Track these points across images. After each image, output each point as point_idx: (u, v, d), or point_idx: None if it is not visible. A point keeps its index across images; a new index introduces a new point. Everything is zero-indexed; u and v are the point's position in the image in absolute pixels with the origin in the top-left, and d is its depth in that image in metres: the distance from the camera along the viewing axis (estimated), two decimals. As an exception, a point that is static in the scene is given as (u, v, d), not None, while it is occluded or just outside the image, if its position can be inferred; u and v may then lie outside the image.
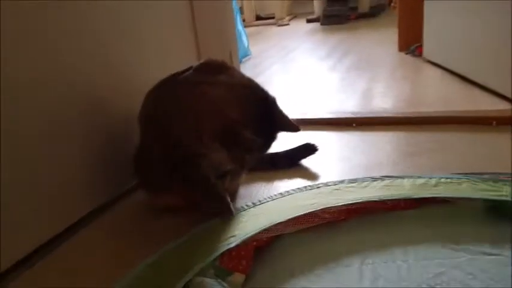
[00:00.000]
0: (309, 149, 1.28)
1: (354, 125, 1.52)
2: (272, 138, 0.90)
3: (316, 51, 2.89)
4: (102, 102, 1.14)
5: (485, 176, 1.00)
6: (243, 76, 0.98)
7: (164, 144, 0.95)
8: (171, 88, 0.99)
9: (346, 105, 1.73)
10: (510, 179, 0.98)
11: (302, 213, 0.92)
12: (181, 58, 1.46)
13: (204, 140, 0.88)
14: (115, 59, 1.18)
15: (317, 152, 1.26)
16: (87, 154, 1.08)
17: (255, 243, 0.85)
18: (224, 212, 0.91)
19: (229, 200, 0.91)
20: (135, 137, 1.06)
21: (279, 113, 0.91)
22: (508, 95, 1.52)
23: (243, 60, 2.74)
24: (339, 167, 1.23)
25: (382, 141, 1.39)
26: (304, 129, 1.51)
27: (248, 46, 2.86)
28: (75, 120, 1.05)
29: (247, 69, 2.58)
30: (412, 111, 1.57)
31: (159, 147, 0.97)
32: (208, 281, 0.74)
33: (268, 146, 0.91)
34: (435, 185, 0.99)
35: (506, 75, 1.52)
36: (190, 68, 1.05)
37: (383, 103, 1.74)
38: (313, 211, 0.92)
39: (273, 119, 0.89)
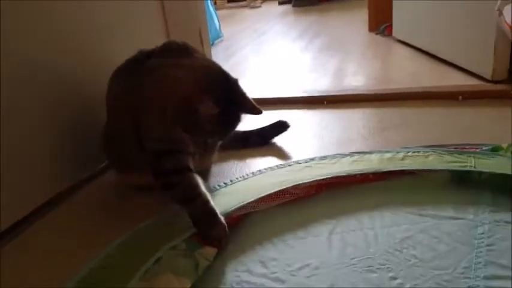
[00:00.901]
0: (280, 127, 1.28)
1: (325, 102, 1.54)
2: (235, 119, 0.89)
3: (288, 33, 2.88)
4: (70, 81, 1.11)
5: (451, 149, 1.03)
6: (204, 58, 0.98)
7: (132, 127, 0.94)
8: (136, 69, 0.97)
9: (318, 84, 1.74)
10: (475, 150, 1.01)
11: (273, 191, 0.92)
12: (149, 37, 1.43)
13: (167, 125, 0.88)
14: (82, 37, 1.15)
15: (289, 130, 1.27)
16: (55, 135, 1.06)
17: (226, 220, 0.85)
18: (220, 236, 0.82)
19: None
20: (104, 116, 1.04)
21: (241, 95, 0.90)
22: (474, 70, 1.56)
23: (215, 42, 2.71)
24: (311, 145, 1.24)
25: (352, 118, 1.40)
26: (277, 108, 1.53)
27: (220, 28, 2.83)
28: (42, 100, 1.02)
29: (220, 51, 2.55)
30: (381, 88, 1.59)
31: (127, 129, 0.95)
32: (178, 253, 0.74)
33: (232, 127, 0.90)
34: (402, 159, 1.01)
35: (472, 52, 1.56)
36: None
37: (354, 81, 1.75)
38: (284, 188, 0.93)
39: (235, 100, 0.88)
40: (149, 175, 0.94)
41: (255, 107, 0.93)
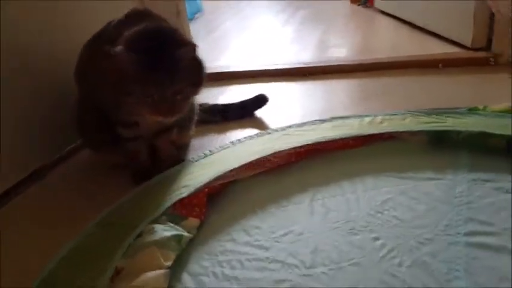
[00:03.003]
0: (260, 100, 1.27)
1: (307, 74, 1.52)
2: (196, 82, 0.86)
3: (271, 6, 2.84)
4: (41, 58, 1.07)
5: (428, 110, 1.03)
6: (165, 21, 0.95)
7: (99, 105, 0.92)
8: (100, 43, 0.95)
9: (300, 57, 1.72)
10: (455, 111, 1.02)
11: (253, 159, 0.92)
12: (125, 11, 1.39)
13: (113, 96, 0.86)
14: (55, 11, 1.11)
15: (270, 102, 1.26)
16: (28, 114, 1.03)
17: (206, 189, 0.84)
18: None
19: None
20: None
21: (196, 60, 0.88)
22: (455, 38, 1.56)
23: (195, 16, 2.66)
24: (292, 115, 1.23)
25: (334, 88, 1.40)
26: (258, 81, 1.52)
27: (200, 2, 2.77)
28: (13, 79, 0.98)
29: (201, 26, 2.51)
30: (363, 59, 1.58)
31: (93, 103, 0.94)
32: (160, 227, 0.73)
33: (194, 90, 0.87)
34: (381, 122, 1.01)
35: (452, 21, 1.56)
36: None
37: (336, 53, 1.74)
38: (264, 156, 0.92)
39: (194, 64, 0.86)
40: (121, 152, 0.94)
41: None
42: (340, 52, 1.75)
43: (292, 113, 1.25)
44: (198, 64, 0.87)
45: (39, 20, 1.07)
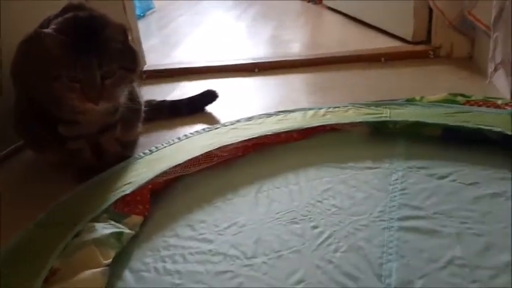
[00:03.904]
0: (209, 96, 1.27)
1: (257, 70, 1.54)
2: (128, 68, 0.85)
3: (223, 3, 2.84)
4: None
5: (369, 102, 1.07)
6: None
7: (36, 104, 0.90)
8: (34, 41, 0.92)
9: (252, 52, 1.73)
10: (393, 102, 1.06)
11: (200, 154, 0.92)
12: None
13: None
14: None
15: (220, 98, 1.26)
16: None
17: (150, 186, 0.83)
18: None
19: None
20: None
21: (128, 45, 0.87)
22: (396, 33, 1.62)
23: (147, 14, 2.62)
24: (243, 110, 1.24)
25: (283, 83, 1.42)
26: (209, 77, 1.52)
27: (151, -1, 2.73)
28: None
29: (152, 23, 2.48)
30: (311, 54, 1.61)
31: (33, 106, 0.91)
32: (100, 225, 0.72)
33: (126, 76, 0.86)
34: (324, 115, 1.04)
35: (394, 16, 1.62)
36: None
37: (287, 48, 1.77)
38: (211, 150, 0.93)
39: (125, 48, 0.84)
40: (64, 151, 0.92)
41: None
42: (289, 47, 1.78)
43: (243, 108, 1.25)
44: (129, 49, 0.85)
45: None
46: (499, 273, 0.55)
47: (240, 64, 1.58)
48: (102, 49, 0.79)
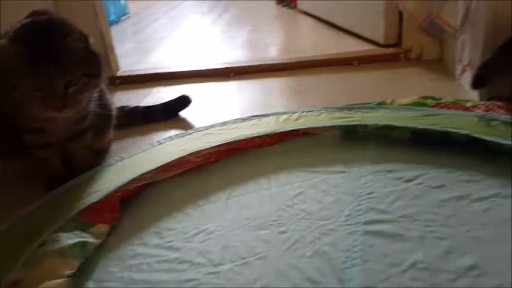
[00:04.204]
0: (183, 101, 1.26)
1: (232, 74, 1.53)
2: (92, 74, 0.84)
3: (198, 7, 2.83)
4: None
5: (342, 106, 1.08)
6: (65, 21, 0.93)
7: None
8: None
9: (227, 57, 1.73)
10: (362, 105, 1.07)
11: (172, 160, 0.91)
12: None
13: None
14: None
15: (195, 103, 1.25)
16: None
17: (119, 193, 0.82)
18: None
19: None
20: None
21: (90, 51, 0.85)
22: (368, 36, 1.64)
23: (122, 19, 2.59)
24: (218, 115, 1.23)
25: (258, 88, 1.42)
26: (184, 82, 1.51)
27: (126, 4, 2.70)
28: None
29: (127, 28, 2.45)
30: (285, 58, 1.62)
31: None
32: (65, 235, 0.70)
33: (90, 83, 0.84)
34: (297, 119, 1.04)
35: (365, 19, 1.64)
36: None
37: (262, 53, 1.77)
38: (183, 156, 0.92)
39: (88, 55, 0.83)
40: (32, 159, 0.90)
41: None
42: (265, 52, 1.78)
43: (218, 113, 1.25)
44: (92, 55, 0.83)
45: None
46: (459, 277, 0.56)
47: (215, 69, 1.57)
48: (63, 56, 0.77)
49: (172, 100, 1.26)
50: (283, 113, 1.08)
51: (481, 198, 0.70)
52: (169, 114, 1.24)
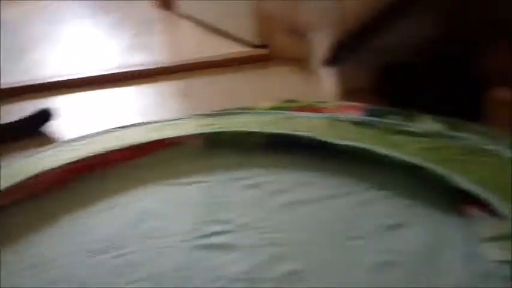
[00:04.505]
0: (43, 115, 1.17)
1: (110, 81, 1.47)
2: None
3: (77, 11, 2.67)
4: None
5: (209, 113, 1.06)
6: None
7: None
8: None
9: (106, 63, 1.65)
10: (230, 111, 1.06)
11: (10, 185, 0.82)
12: None
13: None
14: None
15: (65, 115, 1.18)
16: None
17: None
18: None
19: None
20: None
21: None
22: (243, 37, 1.65)
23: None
24: (88, 127, 1.15)
25: (130, 95, 1.37)
26: (57, 93, 1.40)
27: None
28: None
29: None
30: (165, 62, 1.60)
31: None
32: None
33: None
34: (163, 128, 1.00)
35: (238, 21, 1.67)
36: None
37: (143, 57, 1.71)
38: (24, 179, 0.84)
39: None
40: None
41: None
42: (144, 57, 1.72)
43: (88, 125, 1.17)
44: None
45: None
46: (278, 285, 0.56)
47: (92, 76, 1.50)
48: None
49: (29, 115, 1.17)
50: (148, 123, 1.03)
51: (316, 200, 0.72)
52: (27, 130, 1.14)
